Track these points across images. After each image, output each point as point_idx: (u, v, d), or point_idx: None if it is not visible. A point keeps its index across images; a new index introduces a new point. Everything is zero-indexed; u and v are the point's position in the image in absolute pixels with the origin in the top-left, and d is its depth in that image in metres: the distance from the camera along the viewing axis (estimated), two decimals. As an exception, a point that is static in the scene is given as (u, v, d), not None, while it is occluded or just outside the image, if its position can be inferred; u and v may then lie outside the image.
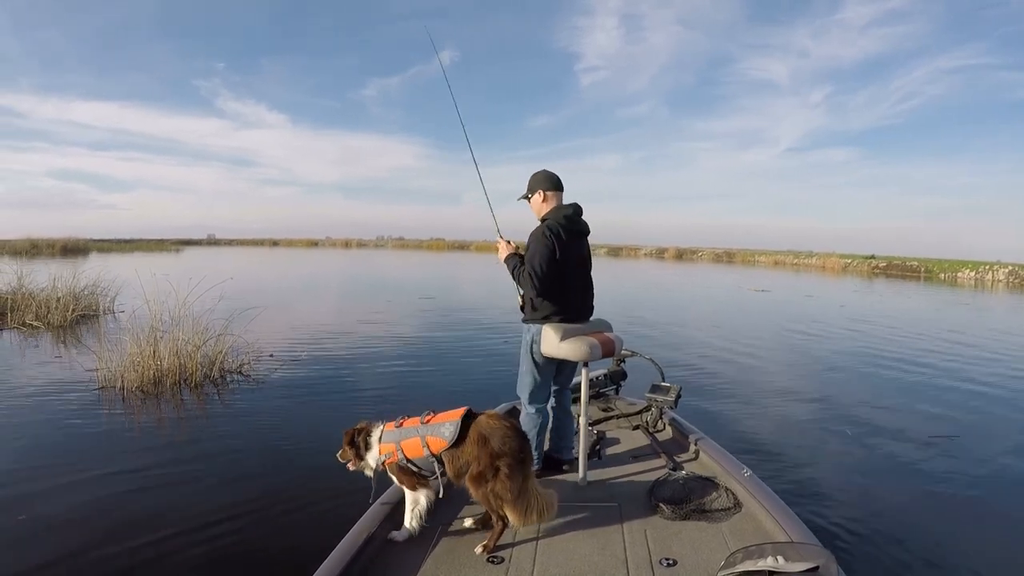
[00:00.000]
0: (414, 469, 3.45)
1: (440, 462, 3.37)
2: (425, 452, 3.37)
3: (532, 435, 4.12)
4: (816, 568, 2.36)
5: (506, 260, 4.26)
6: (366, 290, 25.85)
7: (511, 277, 4.19)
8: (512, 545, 3.26)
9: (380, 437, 3.53)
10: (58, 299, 13.84)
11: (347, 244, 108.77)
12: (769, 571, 2.41)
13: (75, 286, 14.84)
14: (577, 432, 4.27)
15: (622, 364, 5.96)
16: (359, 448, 3.57)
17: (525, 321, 4.20)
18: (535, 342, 4.08)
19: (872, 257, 59.73)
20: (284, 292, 23.62)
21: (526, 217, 4.29)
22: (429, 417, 3.48)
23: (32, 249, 48.20)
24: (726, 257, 73.91)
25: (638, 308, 19.60)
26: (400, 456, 3.43)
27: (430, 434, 3.40)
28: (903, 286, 37.23)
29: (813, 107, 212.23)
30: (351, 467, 3.62)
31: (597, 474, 4.24)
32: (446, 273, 39.82)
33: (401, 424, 3.55)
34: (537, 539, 3.33)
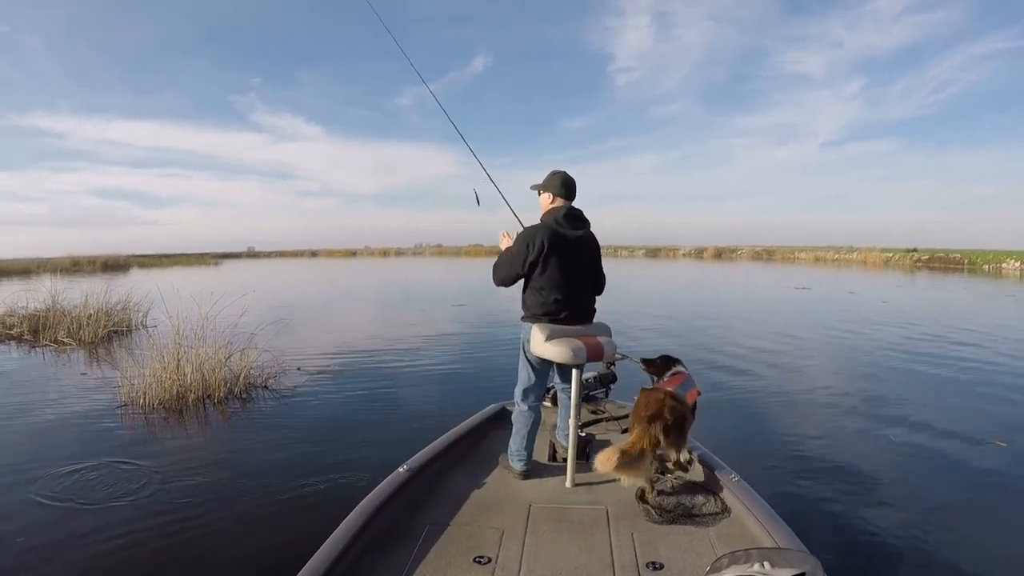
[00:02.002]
0: None
1: None
2: None
3: (523, 433, 4.26)
4: (802, 574, 2.31)
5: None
6: (399, 299, 25.75)
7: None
8: (499, 546, 3.27)
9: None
10: (89, 316, 13.91)
11: (385, 253, 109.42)
12: None
13: (106, 302, 14.94)
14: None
15: (612, 367, 5.96)
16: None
17: (522, 319, 4.30)
18: (526, 340, 4.19)
19: (914, 250, 58.60)
20: (317, 303, 23.79)
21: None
22: None
23: (73, 266, 48.99)
24: (766, 255, 73.00)
25: (671, 308, 19.36)
26: None
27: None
28: (946, 279, 36.03)
29: (849, 99, 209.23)
30: None
31: (585, 477, 4.21)
32: (481, 279, 39.68)
33: None
34: (524, 541, 3.34)
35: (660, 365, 4.69)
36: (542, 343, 4.02)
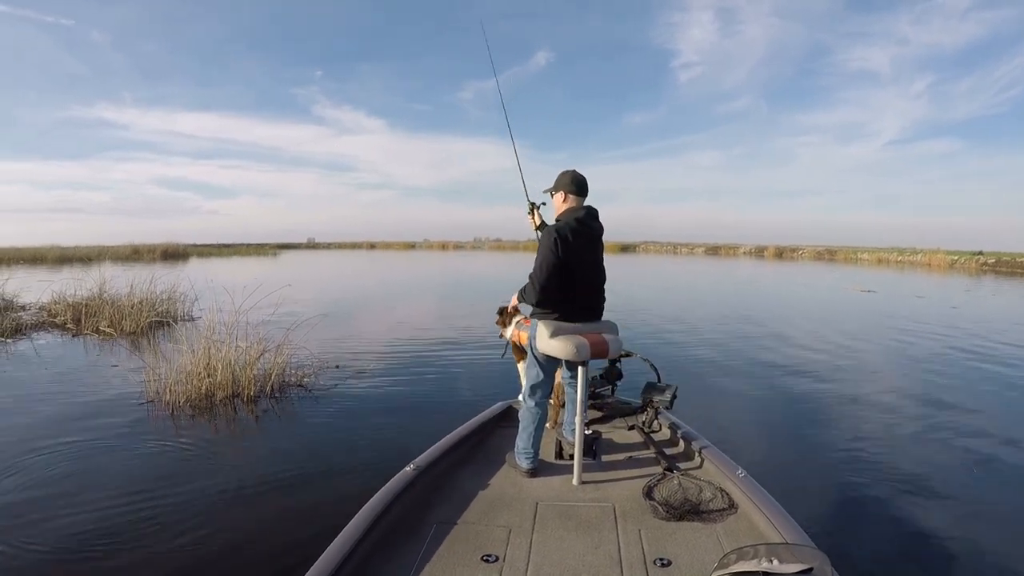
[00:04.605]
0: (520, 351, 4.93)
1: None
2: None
3: (530, 431, 4.25)
4: (810, 570, 2.37)
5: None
6: (450, 293, 25.49)
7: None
8: (506, 544, 3.27)
9: (516, 319, 5.05)
10: (133, 306, 13.85)
11: (443, 246, 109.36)
12: (763, 572, 2.41)
13: (151, 292, 14.88)
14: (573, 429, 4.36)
15: (618, 364, 5.87)
16: (505, 320, 5.20)
17: (531, 316, 4.37)
18: (533, 337, 4.21)
19: (980, 253, 56.41)
20: (365, 296, 23.79)
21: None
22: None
23: (133, 255, 50.16)
24: (827, 255, 71.01)
25: (728, 308, 18.58)
26: (518, 342, 4.98)
27: (523, 331, 4.68)
28: (1017, 284, 34.04)
29: (915, 97, 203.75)
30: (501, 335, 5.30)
31: (592, 474, 4.27)
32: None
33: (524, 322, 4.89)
34: (531, 539, 3.34)
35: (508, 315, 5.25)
36: (546, 339, 4.04)
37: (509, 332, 5.12)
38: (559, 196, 4.34)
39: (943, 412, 7.78)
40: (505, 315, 5.24)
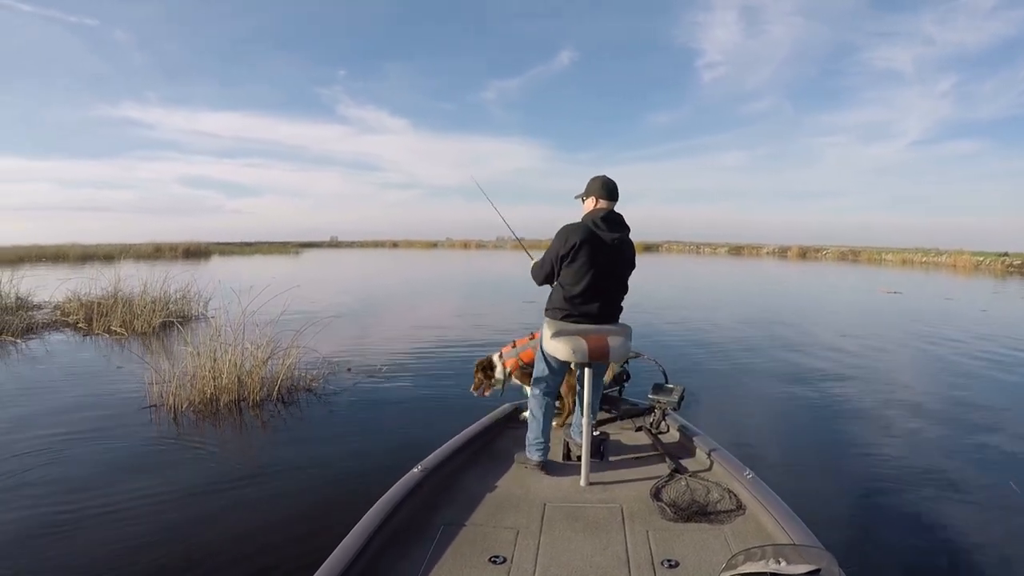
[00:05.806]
0: (529, 371, 4.78)
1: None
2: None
3: (539, 417, 4.30)
4: (818, 570, 2.36)
5: None
6: (468, 292, 25.45)
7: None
8: (514, 545, 3.28)
9: (500, 356, 5.32)
10: (144, 305, 13.76)
11: (466, 245, 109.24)
12: (771, 573, 2.39)
13: (164, 291, 14.79)
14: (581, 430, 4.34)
15: (625, 365, 5.92)
16: (487, 372, 5.43)
17: (544, 312, 4.38)
18: (542, 335, 4.27)
19: (1005, 255, 55.51)
20: (383, 296, 23.68)
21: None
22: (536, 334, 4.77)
23: (155, 252, 50.55)
24: (851, 256, 70.10)
25: (748, 309, 18.16)
26: (521, 363, 5.14)
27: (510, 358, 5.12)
28: None
29: (940, 97, 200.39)
30: (483, 392, 5.53)
31: (600, 475, 4.27)
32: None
33: (515, 344, 5.30)
34: (539, 540, 3.36)
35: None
36: (548, 338, 4.11)
37: (500, 371, 5.45)
38: (590, 201, 4.31)
39: (966, 419, 7.53)
40: (485, 368, 5.59)
